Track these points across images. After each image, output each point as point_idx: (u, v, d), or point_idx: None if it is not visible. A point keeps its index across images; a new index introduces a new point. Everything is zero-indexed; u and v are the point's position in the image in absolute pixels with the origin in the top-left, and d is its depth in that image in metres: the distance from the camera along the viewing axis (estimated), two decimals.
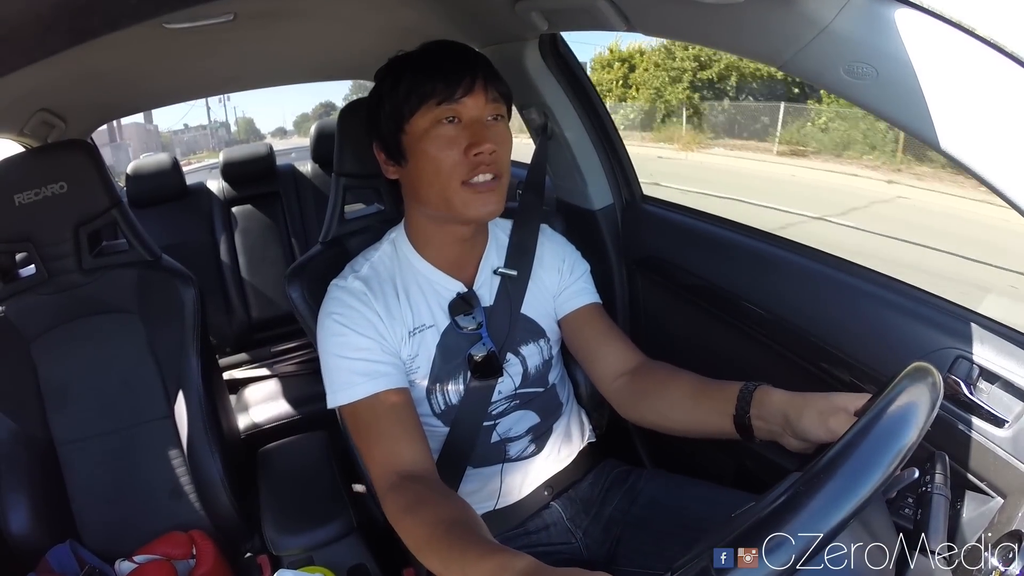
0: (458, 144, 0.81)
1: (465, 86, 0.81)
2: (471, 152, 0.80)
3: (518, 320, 0.92)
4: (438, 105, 0.81)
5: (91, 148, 1.17)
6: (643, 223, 1.27)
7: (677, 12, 0.79)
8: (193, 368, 1.20)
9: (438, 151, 0.81)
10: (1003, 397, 0.73)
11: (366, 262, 0.90)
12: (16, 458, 1.13)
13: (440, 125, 0.81)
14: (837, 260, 0.95)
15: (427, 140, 0.81)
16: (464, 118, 0.81)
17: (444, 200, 0.83)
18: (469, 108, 0.81)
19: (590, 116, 1.25)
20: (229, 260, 2.22)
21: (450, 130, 0.81)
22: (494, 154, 0.81)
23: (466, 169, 0.81)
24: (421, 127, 0.82)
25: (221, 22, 1.10)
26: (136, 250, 1.21)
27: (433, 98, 0.80)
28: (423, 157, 0.82)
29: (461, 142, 0.81)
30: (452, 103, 0.81)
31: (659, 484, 0.95)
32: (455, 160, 0.81)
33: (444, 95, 0.80)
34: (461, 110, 0.81)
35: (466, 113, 0.81)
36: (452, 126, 0.81)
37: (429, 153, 0.81)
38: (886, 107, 0.64)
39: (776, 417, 0.73)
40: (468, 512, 0.70)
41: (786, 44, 0.67)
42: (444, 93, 0.80)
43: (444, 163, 0.81)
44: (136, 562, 1.11)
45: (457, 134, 0.81)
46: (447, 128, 0.81)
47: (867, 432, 0.50)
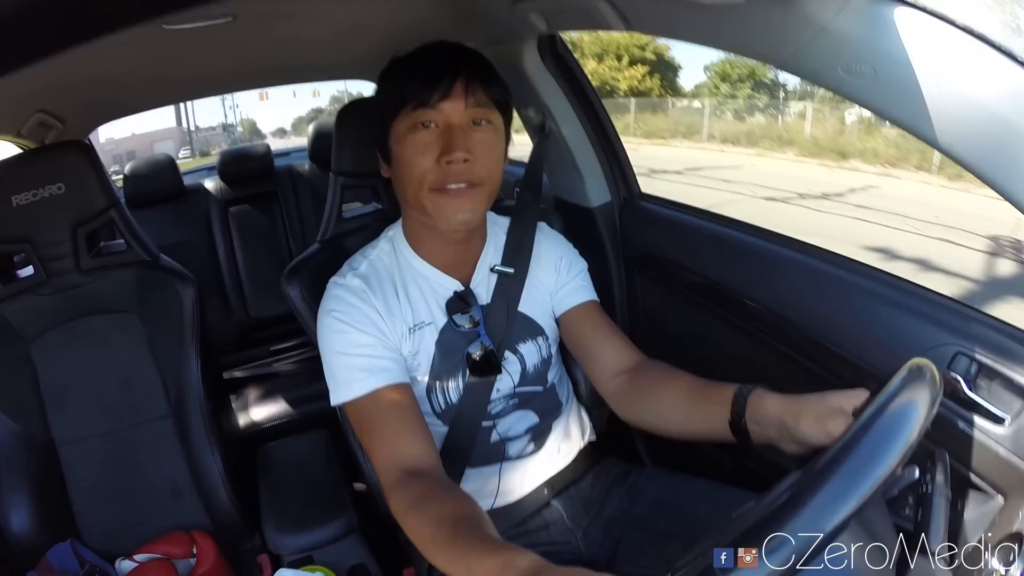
0: (431, 151, 0.80)
1: (442, 91, 0.79)
2: (443, 159, 0.79)
3: (516, 318, 0.92)
4: (414, 110, 0.80)
5: (89, 149, 1.16)
6: (641, 221, 1.27)
7: (675, 12, 0.79)
8: (192, 368, 1.20)
9: (411, 156, 0.80)
10: (1003, 394, 0.72)
11: (364, 260, 0.90)
12: (16, 458, 1.13)
13: (416, 130, 0.80)
14: (836, 256, 0.95)
15: (403, 144, 0.81)
16: (441, 124, 0.80)
17: (419, 205, 0.82)
18: (446, 114, 0.80)
19: (588, 115, 1.25)
20: (227, 260, 2.22)
21: (425, 136, 0.80)
22: (467, 163, 0.80)
23: (436, 177, 0.80)
24: (400, 131, 0.81)
25: (220, 23, 1.10)
26: (134, 250, 1.21)
27: (409, 103, 0.80)
28: (399, 160, 0.82)
29: (435, 149, 0.79)
30: (427, 108, 0.79)
31: (660, 483, 0.95)
32: (425, 167, 0.80)
33: (419, 100, 0.79)
34: (437, 116, 0.80)
35: (442, 119, 0.80)
36: (428, 131, 0.80)
37: (402, 157, 0.81)
38: (884, 105, 0.64)
39: (772, 423, 0.71)
40: (473, 508, 0.70)
41: (785, 43, 0.67)
42: (419, 98, 0.79)
43: (415, 169, 0.80)
44: (137, 561, 1.11)
45: (432, 140, 0.80)
46: (422, 134, 0.80)
47: (867, 431, 0.50)
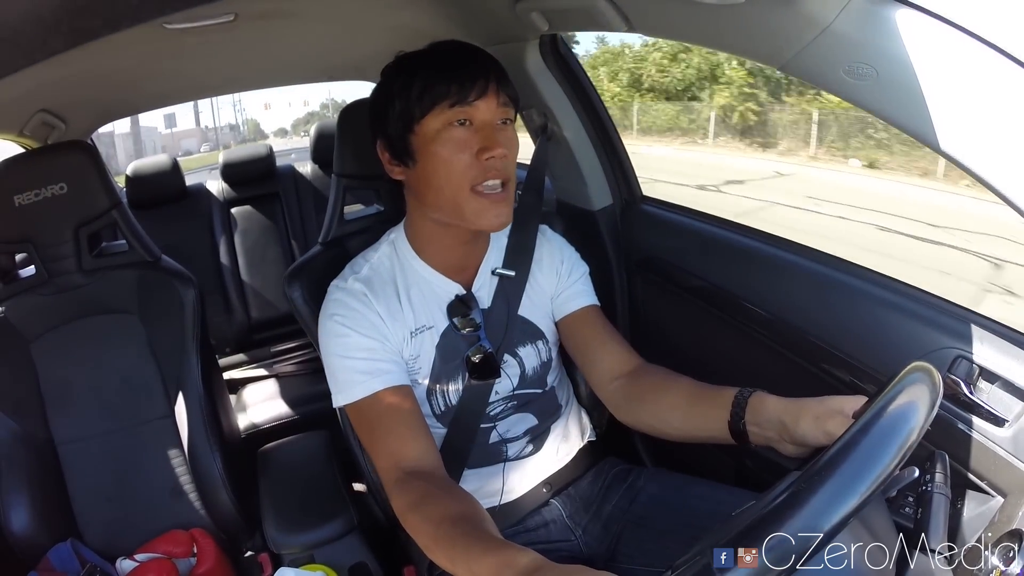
0: (469, 147, 0.80)
1: (479, 89, 0.80)
2: (483, 156, 0.79)
3: (515, 322, 0.92)
4: (451, 107, 0.80)
5: (91, 149, 1.17)
6: (643, 224, 1.27)
7: (677, 13, 0.79)
8: (193, 368, 1.20)
9: (450, 154, 0.80)
10: (1003, 396, 0.73)
11: (366, 263, 0.90)
12: (17, 458, 1.13)
13: (452, 127, 0.80)
14: (837, 260, 0.95)
15: (438, 142, 0.80)
16: (476, 121, 0.81)
17: (454, 206, 0.82)
18: (482, 111, 0.80)
19: (590, 117, 1.25)
20: (229, 261, 2.22)
21: (462, 133, 0.80)
22: (505, 158, 0.81)
23: (476, 173, 0.80)
24: (432, 128, 0.81)
25: (221, 22, 1.10)
26: (136, 251, 1.21)
27: (447, 99, 0.79)
28: (433, 159, 0.81)
29: (473, 145, 0.80)
30: (465, 105, 0.80)
31: (659, 483, 0.95)
32: (466, 163, 0.80)
33: (458, 97, 0.79)
34: (474, 113, 0.80)
35: (478, 116, 0.81)
36: (464, 129, 0.80)
37: (440, 155, 0.80)
38: (886, 107, 0.64)
39: (772, 424, 0.72)
40: (474, 507, 0.70)
41: (787, 45, 0.67)
42: (458, 95, 0.79)
43: (455, 166, 0.80)
44: (137, 560, 1.11)
45: (469, 137, 0.80)
46: (459, 131, 0.80)
47: (867, 431, 0.50)
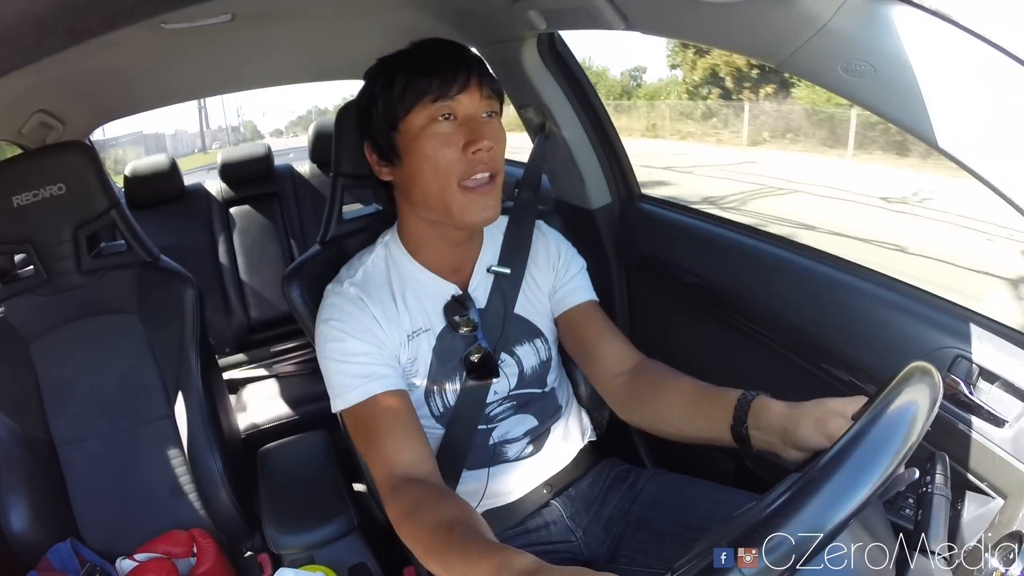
0: (455, 142, 0.80)
1: (461, 82, 0.80)
2: (469, 149, 0.79)
3: (512, 320, 0.92)
4: (433, 102, 0.80)
5: (89, 149, 1.16)
6: (641, 222, 1.27)
7: (675, 11, 0.79)
8: (192, 368, 1.20)
9: (435, 149, 0.80)
10: (1003, 397, 0.73)
11: (360, 266, 0.89)
12: (17, 458, 1.13)
13: (436, 123, 0.80)
14: (836, 259, 0.95)
15: (423, 138, 0.80)
16: (460, 115, 0.80)
17: (442, 202, 0.82)
18: (465, 105, 0.80)
19: (588, 115, 1.25)
20: (228, 261, 2.22)
21: (446, 127, 0.80)
22: (491, 151, 0.80)
23: (464, 167, 0.80)
24: (416, 125, 0.80)
25: (220, 22, 1.10)
26: (135, 251, 1.21)
27: (429, 95, 0.79)
28: (418, 155, 0.81)
29: (458, 139, 0.80)
30: (448, 99, 0.79)
31: (660, 483, 0.95)
32: (452, 158, 0.80)
33: (440, 91, 0.79)
34: (457, 107, 0.80)
35: (462, 110, 0.80)
36: (448, 123, 0.80)
37: (425, 151, 0.80)
38: (884, 105, 0.64)
39: (774, 430, 0.71)
40: (469, 512, 0.70)
41: (784, 42, 0.67)
42: (440, 89, 0.79)
43: (441, 161, 0.80)
44: (137, 560, 1.11)
45: (453, 131, 0.80)
46: (443, 125, 0.80)
47: (867, 432, 0.49)
